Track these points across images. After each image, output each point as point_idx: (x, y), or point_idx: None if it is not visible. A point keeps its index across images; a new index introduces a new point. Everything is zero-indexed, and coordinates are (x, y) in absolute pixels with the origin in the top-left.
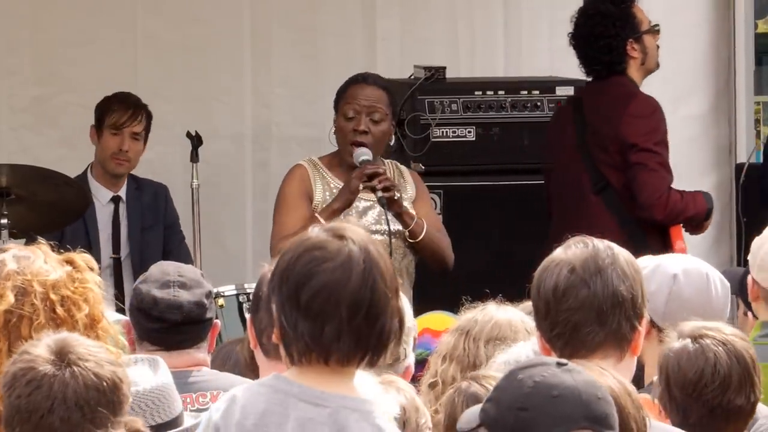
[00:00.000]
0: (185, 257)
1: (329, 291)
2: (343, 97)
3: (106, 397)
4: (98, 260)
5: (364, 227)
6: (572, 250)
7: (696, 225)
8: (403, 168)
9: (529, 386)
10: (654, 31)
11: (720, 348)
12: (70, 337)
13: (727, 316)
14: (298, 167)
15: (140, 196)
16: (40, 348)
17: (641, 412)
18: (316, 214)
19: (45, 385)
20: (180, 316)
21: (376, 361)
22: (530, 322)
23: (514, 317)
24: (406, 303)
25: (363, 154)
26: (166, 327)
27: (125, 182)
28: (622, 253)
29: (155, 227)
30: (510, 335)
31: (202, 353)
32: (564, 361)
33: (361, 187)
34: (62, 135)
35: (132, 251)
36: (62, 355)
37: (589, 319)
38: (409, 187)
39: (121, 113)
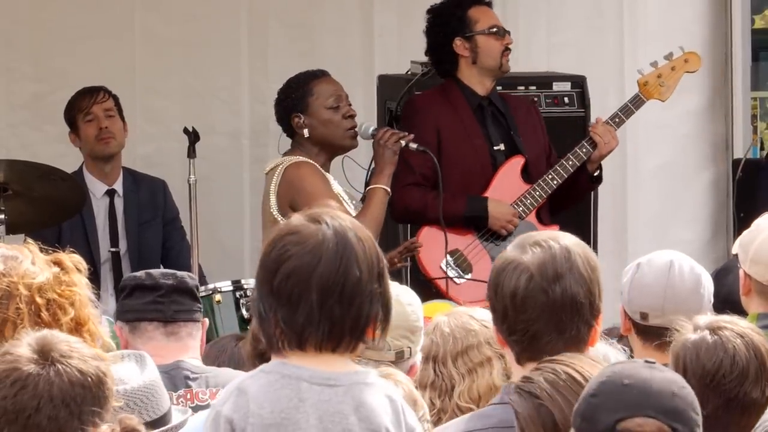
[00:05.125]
0: (186, 254)
1: (299, 275)
2: (313, 92)
3: (92, 392)
4: (97, 254)
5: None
6: (529, 254)
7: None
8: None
9: (606, 376)
10: (491, 33)
11: (738, 340)
12: (50, 334)
13: (703, 305)
14: (311, 164)
15: (137, 190)
16: (22, 347)
17: None
18: (380, 185)
19: (30, 385)
20: (174, 280)
21: (355, 347)
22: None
23: (468, 322)
24: (417, 304)
25: (366, 125)
26: (162, 293)
27: (120, 175)
28: (579, 254)
29: (153, 222)
30: (473, 341)
31: (193, 342)
32: (652, 360)
33: (403, 143)
34: (61, 131)
35: (130, 246)
36: (45, 354)
37: (548, 329)
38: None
39: (84, 100)
